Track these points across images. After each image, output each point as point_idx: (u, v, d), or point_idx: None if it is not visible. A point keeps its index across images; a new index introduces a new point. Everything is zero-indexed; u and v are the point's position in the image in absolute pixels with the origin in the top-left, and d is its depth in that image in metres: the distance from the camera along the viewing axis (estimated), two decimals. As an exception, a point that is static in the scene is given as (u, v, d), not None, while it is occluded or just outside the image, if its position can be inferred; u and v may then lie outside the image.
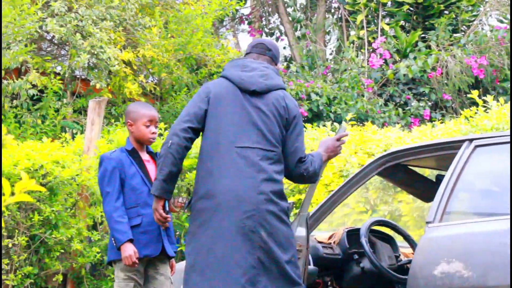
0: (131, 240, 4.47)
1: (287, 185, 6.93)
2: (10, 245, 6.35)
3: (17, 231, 6.39)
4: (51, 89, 8.95)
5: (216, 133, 3.92)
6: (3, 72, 8.55)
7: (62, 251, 6.61)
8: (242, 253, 3.79)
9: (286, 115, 3.98)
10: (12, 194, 2.00)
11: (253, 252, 3.79)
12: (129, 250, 4.44)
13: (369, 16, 14.08)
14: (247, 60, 4.04)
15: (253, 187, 3.83)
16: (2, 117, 8.43)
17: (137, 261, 4.46)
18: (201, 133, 3.99)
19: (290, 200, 6.33)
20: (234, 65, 4.03)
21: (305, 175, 4.02)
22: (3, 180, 1.90)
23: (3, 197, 2.00)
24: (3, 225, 6.11)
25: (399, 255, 5.03)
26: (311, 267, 4.47)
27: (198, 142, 4.11)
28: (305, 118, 11.56)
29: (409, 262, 4.78)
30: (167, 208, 4.09)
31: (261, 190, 3.83)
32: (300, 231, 4.34)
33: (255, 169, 3.85)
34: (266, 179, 3.85)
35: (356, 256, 4.92)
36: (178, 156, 3.86)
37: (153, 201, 3.99)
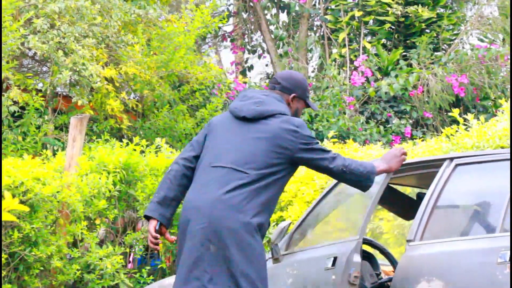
0: None
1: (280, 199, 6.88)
2: (-11, 263, 6.29)
3: (-4, 248, 6.33)
4: (33, 105, 8.91)
5: (202, 156, 4.06)
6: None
7: (42, 268, 6.56)
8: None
9: (293, 138, 3.99)
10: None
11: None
12: None
13: (351, 34, 14.16)
14: (249, 90, 4.20)
15: (210, 201, 3.86)
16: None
17: None
18: None
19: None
20: (237, 97, 4.21)
21: (345, 170, 4.03)
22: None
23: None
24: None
25: (380, 273, 5.03)
26: None
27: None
28: (287, 136, 11.56)
29: (390, 280, 4.78)
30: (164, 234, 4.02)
31: (217, 204, 3.84)
32: (356, 258, 4.28)
33: (218, 185, 3.89)
34: (225, 192, 3.85)
35: (337, 274, 4.92)
36: (175, 181, 4.01)
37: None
